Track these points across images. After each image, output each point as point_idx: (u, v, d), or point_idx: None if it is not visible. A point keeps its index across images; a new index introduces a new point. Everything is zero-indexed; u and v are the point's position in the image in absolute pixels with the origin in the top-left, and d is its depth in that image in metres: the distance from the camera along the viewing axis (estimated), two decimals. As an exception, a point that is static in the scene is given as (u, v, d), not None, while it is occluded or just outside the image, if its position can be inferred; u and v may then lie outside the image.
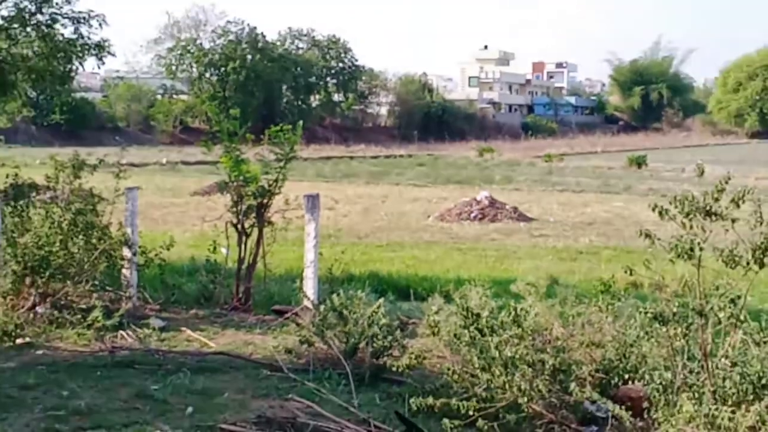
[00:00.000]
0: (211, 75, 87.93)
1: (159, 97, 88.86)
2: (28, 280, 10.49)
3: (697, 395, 6.58)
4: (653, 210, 7.32)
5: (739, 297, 7.04)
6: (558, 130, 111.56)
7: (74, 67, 18.09)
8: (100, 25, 17.55)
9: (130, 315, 10.61)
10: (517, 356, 7.33)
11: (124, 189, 12.03)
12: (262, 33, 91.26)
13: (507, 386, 7.22)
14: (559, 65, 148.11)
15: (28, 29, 16.54)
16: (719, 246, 7.03)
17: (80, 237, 10.62)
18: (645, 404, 6.94)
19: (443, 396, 7.26)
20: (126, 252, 11.47)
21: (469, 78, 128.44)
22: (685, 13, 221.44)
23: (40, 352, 9.54)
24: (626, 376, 7.63)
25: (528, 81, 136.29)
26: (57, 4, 16.84)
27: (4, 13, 16.54)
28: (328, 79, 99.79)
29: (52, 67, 16.88)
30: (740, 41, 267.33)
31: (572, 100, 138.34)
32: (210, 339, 10.26)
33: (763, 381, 6.60)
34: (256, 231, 11.98)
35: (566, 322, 8.40)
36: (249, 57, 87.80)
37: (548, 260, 17.60)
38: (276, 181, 11.94)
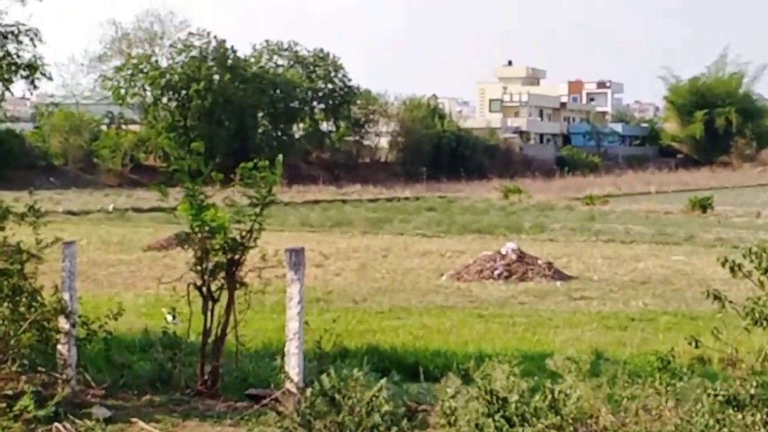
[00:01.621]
0: (170, 100, 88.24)
1: (104, 128, 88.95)
2: (-62, 358, 10.46)
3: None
4: (723, 265, 7.32)
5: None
6: (601, 166, 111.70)
7: (0, 92, 18.13)
8: (32, 41, 17.58)
9: (68, 402, 10.53)
10: (556, 451, 7.30)
11: (61, 243, 12.00)
12: (232, 48, 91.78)
13: (543, 490, 7.17)
14: (602, 85, 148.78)
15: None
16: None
17: (4, 305, 10.60)
18: None
19: (462, 503, 7.22)
20: (63, 323, 11.38)
21: (490, 101, 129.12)
22: (759, 20, 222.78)
23: (-50, 450, 9.49)
24: (694, 477, 7.58)
25: (563, 104, 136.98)
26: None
27: None
28: (315, 103, 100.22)
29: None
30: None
31: (618, 128, 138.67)
32: (168, 432, 10.20)
33: None
34: (225, 295, 11.95)
35: (616, 408, 8.36)
36: (216, 77, 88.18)
37: (592, 329, 17.53)
38: (250, 231, 11.92)
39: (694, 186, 75.07)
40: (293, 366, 11.36)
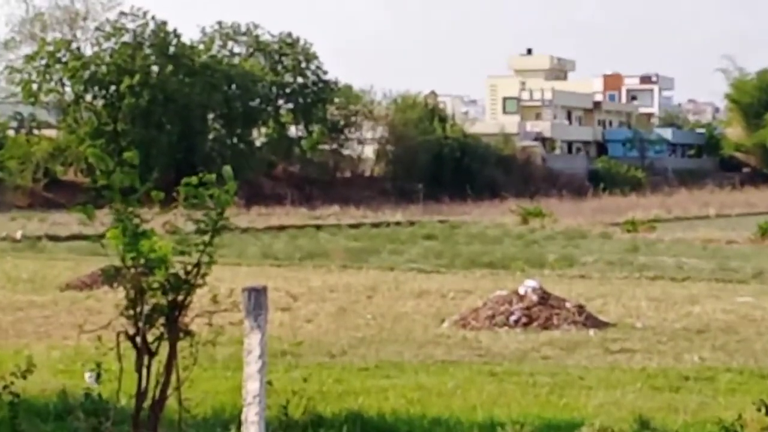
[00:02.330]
0: (95, 98, 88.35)
1: (11, 132, 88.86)
2: None
3: None
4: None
5: None
6: (646, 182, 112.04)
7: None
8: None
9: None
10: None
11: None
12: (175, 31, 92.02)
13: None
14: (646, 79, 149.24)
15: None
16: None
17: None
18: None
19: None
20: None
21: (504, 100, 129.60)
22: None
23: None
24: None
25: (597, 104, 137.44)
26: None
27: None
28: (281, 102, 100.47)
29: None
30: None
31: (668, 134, 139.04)
32: None
33: None
34: (166, 347, 11.94)
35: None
36: (155, 68, 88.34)
37: (635, 390, 17.57)
38: (198, 265, 11.91)
39: (764, 209, 75.23)
40: (252, 439, 11.38)
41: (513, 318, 25.05)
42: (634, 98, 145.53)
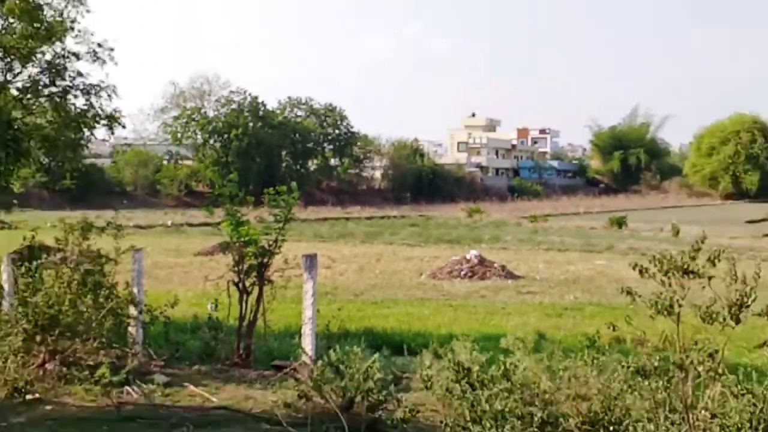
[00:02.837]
0: (215, 141, 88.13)
1: (165, 162, 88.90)
2: (38, 338, 10.41)
3: (679, 446, 6.51)
4: (634, 268, 7.32)
5: (716, 351, 7.02)
6: (542, 193, 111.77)
7: (85, 136, 18.02)
8: (109, 96, 17.52)
9: (136, 371, 10.48)
10: (507, 409, 7.28)
11: (132, 250, 12.00)
12: (263, 102, 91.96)
13: (498, 438, 7.14)
14: (543, 131, 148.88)
15: (42, 100, 16.55)
16: (697, 303, 7.03)
17: (88, 296, 10.55)
18: (630, 455, 6.88)
19: (436, 448, 7.19)
20: (132, 310, 11.38)
21: (458, 143, 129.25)
22: (661, 82, 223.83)
23: (48, 407, 9.46)
24: (611, 428, 7.56)
25: (513, 146, 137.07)
26: (70, 76, 16.88)
27: (19, 84, 16.61)
28: (325, 144, 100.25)
29: (64, 136, 16.82)
30: (713, 108, 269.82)
31: (555, 164, 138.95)
32: (212, 394, 10.17)
33: (743, 432, 6.54)
34: (256, 289, 11.92)
35: (553, 376, 8.33)
36: (251, 124, 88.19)
37: (535, 316, 17.53)
38: (275, 241, 11.90)
39: (613, 208, 75.08)
40: (307, 343, 11.33)
41: (462, 273, 25.01)
42: (535, 142, 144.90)
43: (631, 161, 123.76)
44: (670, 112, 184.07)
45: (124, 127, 18.06)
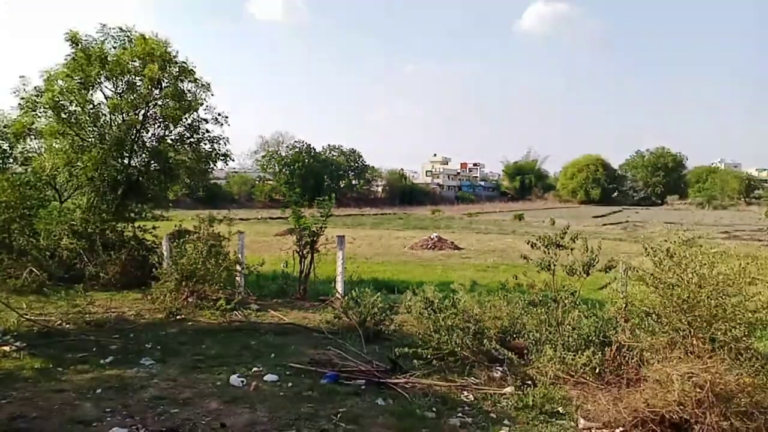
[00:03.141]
0: (286, 170, 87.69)
1: (257, 182, 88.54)
2: (183, 283, 10.45)
3: (554, 346, 6.52)
4: (528, 243, 7.33)
5: (576, 291, 7.02)
6: (475, 200, 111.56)
7: (211, 167, 18.16)
8: (225, 143, 17.59)
9: (240, 303, 10.50)
10: (454, 325, 7.29)
11: (238, 233, 12.02)
12: (313, 147, 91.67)
13: (449, 341, 7.15)
14: (476, 164, 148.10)
15: (185, 146, 16.65)
16: (564, 263, 7.03)
17: (212, 260, 10.59)
18: (525, 351, 6.88)
19: (413, 347, 7.19)
20: (238, 267, 11.39)
21: (426, 171, 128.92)
22: (544, 134, 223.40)
23: (189, 323, 9.46)
24: (514, 336, 7.57)
25: (458, 173, 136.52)
26: (202, 132, 16.95)
27: (173, 137, 16.80)
28: (350, 172, 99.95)
29: (198, 167, 16.95)
30: (573, 150, 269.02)
31: (482, 183, 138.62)
32: (284, 315, 10.17)
33: (591, 338, 6.55)
34: (309, 256, 11.91)
35: (481, 305, 8.33)
36: (306, 160, 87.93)
37: (471, 271, 17.52)
38: (320, 227, 11.90)
39: (516, 209, 74.76)
40: (339, 287, 11.33)
41: (429, 246, 24.95)
42: (471, 170, 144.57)
43: (526, 182, 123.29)
44: (549, 153, 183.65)
45: (233, 160, 18.13)
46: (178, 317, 9.69)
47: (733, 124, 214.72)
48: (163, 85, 14.78)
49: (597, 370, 5.92)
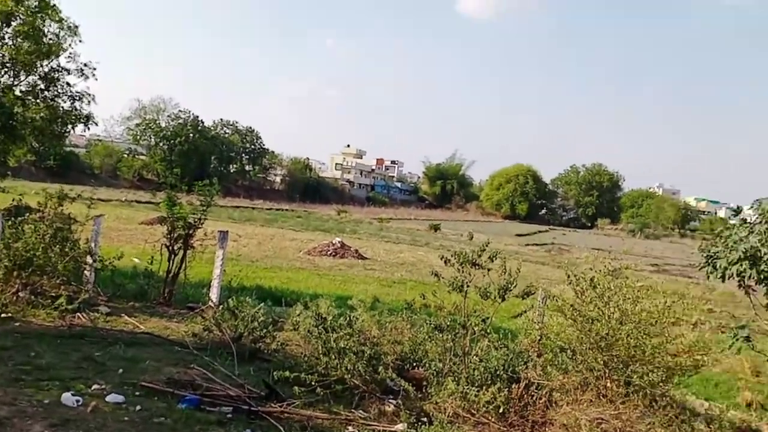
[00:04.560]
0: (164, 144, 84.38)
1: (125, 156, 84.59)
2: (15, 273, 9.85)
3: (457, 379, 6.70)
4: (441, 259, 7.51)
5: (487, 318, 7.26)
6: (388, 203, 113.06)
7: (68, 130, 17.32)
8: (89, 103, 16.82)
9: (86, 303, 9.98)
10: (347, 347, 7.31)
11: (94, 216, 11.47)
12: (201, 120, 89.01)
13: (338, 367, 7.17)
14: (393, 162, 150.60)
15: (38, 100, 15.76)
16: (479, 285, 7.26)
17: (56, 247, 10.06)
18: (425, 383, 7.02)
19: (296, 371, 7.14)
20: (89, 259, 10.85)
21: (336, 164, 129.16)
22: (471, 136, 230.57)
23: (17, 323, 8.89)
24: (414, 364, 7.71)
25: (373, 170, 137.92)
26: (61, 85, 16.11)
27: (23, 87, 15.87)
28: (243, 155, 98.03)
29: (52, 129, 16.10)
30: (506, 155, 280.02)
31: (399, 184, 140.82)
32: (140, 323, 9.79)
33: (498, 372, 6.79)
34: (181, 252, 11.55)
35: (381, 327, 8.43)
36: (191, 135, 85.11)
37: (374, 285, 17.71)
38: (199, 219, 11.59)
39: (433, 218, 76.53)
40: (214, 293, 11.08)
41: (329, 252, 24.98)
42: (387, 169, 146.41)
43: (448, 188, 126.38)
44: (476, 158, 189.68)
45: (96, 125, 17.50)
46: (2, 315, 9.05)
47: (675, 148, 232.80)
48: (16, 21, 13.87)
49: (501, 410, 6.15)
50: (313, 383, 6.86)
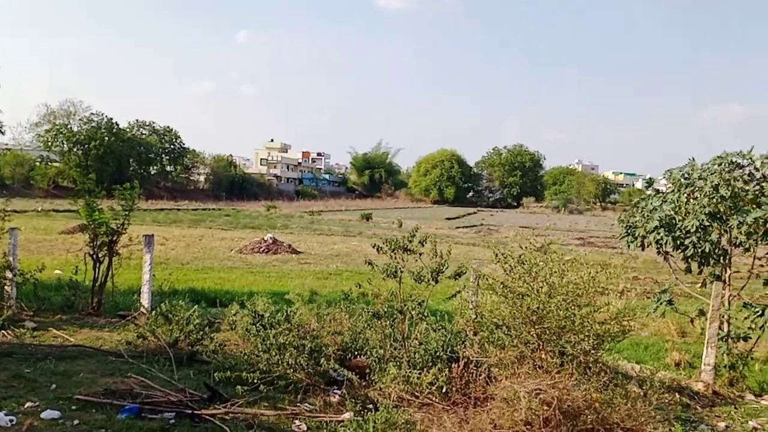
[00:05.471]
0: (78, 149, 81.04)
1: (38, 164, 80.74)
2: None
3: (399, 363, 6.83)
4: (374, 247, 7.60)
5: (423, 301, 7.42)
6: (318, 195, 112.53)
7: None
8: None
9: (10, 319, 9.58)
10: (287, 342, 7.32)
11: (9, 229, 10.95)
12: (116, 122, 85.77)
13: (280, 362, 7.17)
14: (319, 154, 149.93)
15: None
16: (412, 269, 7.40)
17: (-30, 263, 9.55)
18: (368, 370, 7.12)
19: (237, 370, 7.11)
20: (8, 274, 10.39)
21: (261, 159, 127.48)
22: (397, 125, 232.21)
23: (-67, 348, 8.41)
24: (356, 353, 7.79)
25: (299, 163, 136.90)
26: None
27: None
28: (163, 155, 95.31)
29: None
30: (428, 143, 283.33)
31: (327, 176, 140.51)
32: (70, 335, 9.47)
33: (438, 353, 6.96)
34: (107, 259, 11.21)
35: (320, 319, 8.47)
36: (106, 138, 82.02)
37: (310, 279, 17.67)
38: (122, 224, 11.27)
39: (363, 207, 76.86)
40: (145, 299, 10.82)
41: (261, 249, 24.73)
42: (314, 161, 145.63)
43: (376, 177, 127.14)
44: (401, 146, 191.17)
45: (3, 134, 16.64)
46: None
47: (592, 124, 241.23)
48: None
49: (444, 390, 6.31)
50: (255, 381, 6.84)
